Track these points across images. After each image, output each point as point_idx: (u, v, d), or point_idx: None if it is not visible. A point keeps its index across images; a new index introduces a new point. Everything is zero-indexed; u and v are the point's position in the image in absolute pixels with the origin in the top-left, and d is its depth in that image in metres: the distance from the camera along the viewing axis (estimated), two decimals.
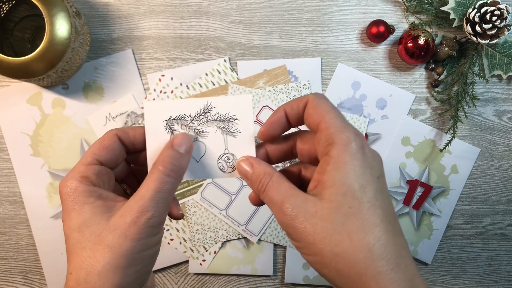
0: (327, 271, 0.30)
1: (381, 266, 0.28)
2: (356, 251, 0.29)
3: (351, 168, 0.30)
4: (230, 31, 0.65)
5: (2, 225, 0.64)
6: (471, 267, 0.66)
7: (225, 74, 0.64)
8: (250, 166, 0.34)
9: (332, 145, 0.31)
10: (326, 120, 0.32)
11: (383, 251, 0.29)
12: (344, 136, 0.31)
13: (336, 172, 0.30)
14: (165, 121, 0.37)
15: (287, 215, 0.31)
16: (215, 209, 0.63)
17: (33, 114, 0.64)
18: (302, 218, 0.30)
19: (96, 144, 0.35)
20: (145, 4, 0.64)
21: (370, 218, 0.29)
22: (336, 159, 0.30)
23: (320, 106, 0.33)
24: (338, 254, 0.29)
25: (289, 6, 0.65)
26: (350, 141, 0.30)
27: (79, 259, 0.31)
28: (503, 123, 0.65)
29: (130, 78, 0.64)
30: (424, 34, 0.60)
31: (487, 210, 0.66)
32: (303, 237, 0.30)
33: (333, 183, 0.30)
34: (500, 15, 0.57)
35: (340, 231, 0.29)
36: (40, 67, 0.55)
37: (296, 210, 0.30)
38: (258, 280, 0.65)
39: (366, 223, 0.29)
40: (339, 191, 0.30)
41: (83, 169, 0.34)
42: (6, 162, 0.64)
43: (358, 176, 0.30)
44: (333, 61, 0.65)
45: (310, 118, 0.33)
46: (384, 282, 0.28)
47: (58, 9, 0.54)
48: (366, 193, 0.30)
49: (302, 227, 0.30)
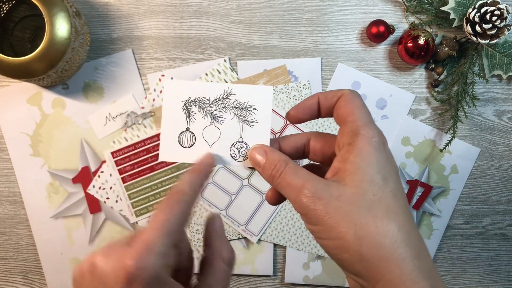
0: (347, 256, 0.29)
1: (405, 252, 0.28)
2: (382, 236, 0.28)
3: (375, 159, 0.30)
4: (230, 31, 0.65)
5: (2, 225, 0.64)
6: (471, 267, 0.66)
7: (225, 74, 0.64)
8: (263, 154, 0.34)
9: (357, 136, 0.31)
10: (356, 113, 0.32)
11: (407, 238, 0.29)
12: (369, 130, 0.31)
13: (360, 160, 0.30)
14: (184, 102, 0.36)
15: (308, 197, 0.30)
16: (215, 209, 0.63)
17: (33, 114, 0.64)
18: (325, 201, 0.30)
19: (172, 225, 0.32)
20: (145, 4, 0.64)
21: (393, 207, 0.29)
22: (360, 149, 0.30)
23: (353, 101, 0.33)
24: (362, 237, 0.29)
25: (289, 6, 0.65)
26: (375, 135, 0.31)
27: None
28: (503, 123, 0.65)
29: (130, 78, 0.64)
30: (424, 34, 0.60)
31: (487, 210, 0.66)
32: (324, 220, 0.29)
33: (357, 170, 0.30)
34: (500, 15, 0.57)
35: (365, 215, 0.29)
36: (40, 67, 0.55)
37: (319, 193, 0.30)
38: (258, 280, 0.64)
39: (390, 211, 0.29)
40: (364, 178, 0.30)
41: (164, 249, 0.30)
42: (6, 162, 0.64)
43: (382, 167, 0.30)
44: (333, 61, 0.65)
45: (340, 110, 0.33)
46: (407, 268, 0.28)
47: (58, 9, 0.54)
48: (388, 184, 0.30)
49: (323, 209, 0.29)
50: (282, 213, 0.63)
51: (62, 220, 0.64)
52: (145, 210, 0.63)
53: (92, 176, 0.63)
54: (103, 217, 0.64)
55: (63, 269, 0.63)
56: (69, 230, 0.63)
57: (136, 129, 0.64)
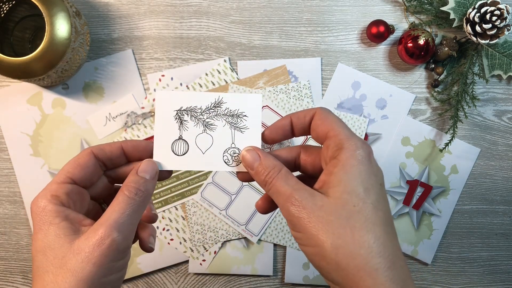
0: (325, 263, 0.31)
1: (379, 263, 0.30)
2: (357, 246, 0.30)
3: (358, 171, 0.32)
4: (230, 31, 0.65)
5: (2, 225, 0.64)
6: (471, 267, 0.66)
7: (225, 74, 0.64)
8: (256, 156, 0.35)
9: (341, 150, 0.33)
10: (335, 128, 0.34)
11: (382, 249, 0.30)
12: (352, 142, 0.33)
13: (343, 173, 0.32)
14: (176, 111, 0.38)
15: (294, 205, 0.32)
16: (215, 209, 0.63)
17: (33, 114, 0.64)
18: (309, 210, 0.31)
19: (70, 162, 0.35)
20: (145, 4, 0.64)
21: (372, 218, 0.31)
22: (344, 162, 0.32)
23: (328, 117, 0.35)
24: (339, 247, 0.30)
25: (289, 6, 0.65)
26: (358, 148, 0.32)
27: (41, 283, 0.30)
28: (503, 123, 0.65)
29: (130, 78, 0.64)
30: (424, 34, 0.60)
31: (487, 210, 0.66)
32: (306, 228, 0.31)
33: (340, 183, 0.31)
34: (500, 15, 0.57)
35: (344, 225, 0.30)
36: (40, 67, 0.55)
37: (304, 202, 0.32)
38: (258, 280, 0.65)
39: (368, 222, 0.31)
40: (345, 190, 0.31)
41: (55, 187, 0.33)
42: (6, 162, 0.64)
43: (364, 179, 0.32)
44: (333, 61, 0.65)
45: (319, 128, 0.35)
46: (380, 278, 0.29)
47: (58, 9, 0.54)
48: (370, 196, 0.31)
49: (307, 218, 0.31)
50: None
51: None
52: None
53: None
54: None
55: None
56: None
57: (136, 129, 0.64)
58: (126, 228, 0.32)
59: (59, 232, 0.31)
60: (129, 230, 0.32)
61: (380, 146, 0.64)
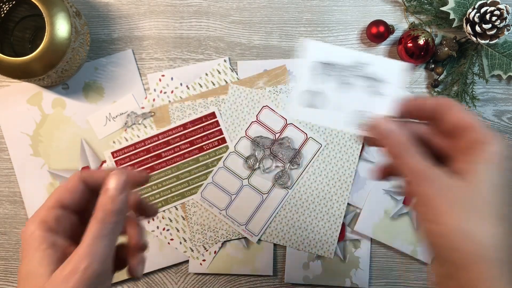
0: (443, 241, 0.31)
1: (500, 258, 0.30)
2: (483, 235, 0.30)
3: (500, 168, 0.32)
4: (230, 31, 0.65)
5: (2, 225, 0.64)
6: None
7: (225, 74, 0.64)
8: (392, 128, 0.34)
9: (485, 144, 0.32)
10: (477, 123, 0.33)
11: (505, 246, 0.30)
12: (498, 141, 0.32)
13: (485, 165, 0.31)
14: (321, 63, 0.38)
15: (428, 181, 0.32)
16: (215, 209, 0.63)
17: (33, 114, 0.64)
18: (443, 187, 0.31)
19: (60, 187, 0.35)
20: (145, 4, 0.64)
21: (506, 215, 0.31)
22: (487, 156, 0.32)
23: (466, 112, 0.34)
24: (464, 230, 0.30)
25: (289, 6, 0.65)
26: (502, 147, 0.32)
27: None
28: (503, 123, 0.66)
29: (130, 78, 0.64)
30: (424, 34, 0.60)
31: None
32: (436, 205, 0.31)
33: (480, 173, 0.31)
34: (499, 15, 0.57)
35: (477, 211, 0.30)
36: (40, 67, 0.55)
37: (439, 179, 0.32)
38: (258, 280, 0.65)
39: (499, 217, 0.31)
40: (485, 180, 0.31)
41: (44, 213, 0.33)
42: (6, 162, 0.64)
43: (504, 177, 0.32)
44: None
45: (459, 118, 0.34)
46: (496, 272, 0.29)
47: (58, 9, 0.54)
48: (506, 194, 0.31)
49: (438, 194, 0.31)
50: (282, 213, 0.63)
51: None
52: None
53: None
54: None
55: None
56: None
57: (136, 129, 0.64)
58: (101, 253, 0.31)
59: (43, 259, 0.31)
60: (104, 255, 0.31)
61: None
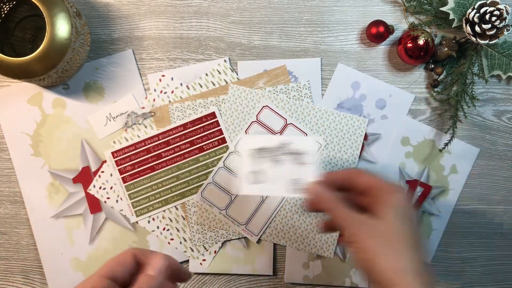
0: (369, 265, 0.41)
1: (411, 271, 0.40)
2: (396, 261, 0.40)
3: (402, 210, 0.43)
4: (230, 31, 0.65)
5: (2, 225, 0.65)
6: (471, 267, 0.66)
7: (225, 74, 0.64)
8: (325, 190, 0.45)
9: (390, 194, 0.43)
10: (380, 180, 0.44)
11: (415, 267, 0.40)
12: (399, 191, 0.43)
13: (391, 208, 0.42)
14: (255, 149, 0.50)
15: (353, 226, 0.42)
16: (215, 209, 0.63)
17: (33, 114, 0.64)
18: (364, 228, 0.42)
19: (112, 258, 0.38)
20: (146, 5, 0.65)
21: (409, 241, 0.41)
22: (392, 203, 0.43)
23: (372, 175, 0.45)
24: (382, 259, 0.40)
25: (289, 7, 0.65)
26: (403, 196, 0.43)
27: None
28: (503, 123, 0.66)
29: (130, 78, 0.64)
30: (424, 34, 0.60)
31: (486, 210, 0.66)
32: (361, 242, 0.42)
33: (388, 213, 0.42)
34: (499, 16, 0.58)
35: (389, 243, 0.41)
36: (40, 67, 0.55)
37: (361, 223, 0.42)
38: (258, 279, 0.65)
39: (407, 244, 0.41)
40: (394, 217, 0.42)
41: (95, 280, 0.35)
42: (7, 162, 0.64)
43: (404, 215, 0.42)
44: (333, 61, 0.65)
45: (368, 181, 0.45)
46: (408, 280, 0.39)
47: (59, 9, 0.54)
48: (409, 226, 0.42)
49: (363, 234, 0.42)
50: (282, 213, 0.63)
51: (62, 220, 0.64)
52: (145, 210, 0.63)
53: (93, 176, 0.64)
54: (103, 217, 0.64)
55: (64, 269, 0.63)
56: (69, 230, 0.64)
57: (137, 129, 0.64)
58: None
59: None
60: None
61: (379, 146, 0.65)
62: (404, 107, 0.65)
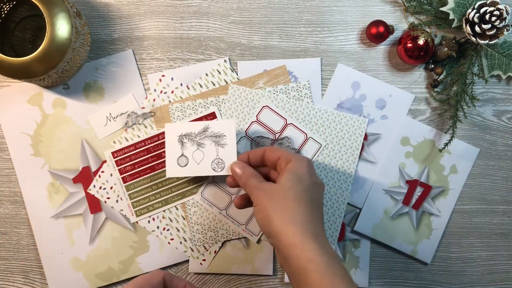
0: (266, 221, 0.48)
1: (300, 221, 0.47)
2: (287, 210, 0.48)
3: (297, 174, 0.50)
4: (230, 31, 0.65)
5: (3, 225, 0.65)
6: (471, 267, 0.66)
7: (225, 75, 0.64)
8: (241, 168, 0.54)
9: (289, 162, 0.51)
10: (284, 152, 0.53)
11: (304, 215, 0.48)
12: (297, 157, 0.52)
13: (288, 173, 0.50)
14: (178, 136, 0.57)
15: (258, 189, 0.50)
16: (215, 209, 0.63)
17: (33, 114, 0.64)
18: (265, 191, 0.50)
19: (144, 278, 0.46)
20: (146, 5, 0.65)
21: (299, 197, 0.49)
22: (289, 168, 0.51)
23: (277, 149, 0.54)
24: (276, 211, 0.48)
25: (289, 7, 0.65)
26: (301, 160, 0.51)
27: None
28: (502, 123, 0.66)
29: (130, 78, 0.64)
30: (424, 34, 0.61)
31: (486, 210, 0.66)
32: (261, 202, 0.49)
33: (285, 178, 0.50)
34: (499, 16, 0.58)
35: (281, 199, 0.48)
36: (40, 67, 0.55)
37: (265, 188, 0.50)
38: (258, 279, 0.65)
39: (296, 198, 0.49)
40: (288, 180, 0.50)
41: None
42: (7, 162, 0.64)
43: (300, 178, 0.50)
44: (332, 62, 0.65)
45: (272, 154, 0.54)
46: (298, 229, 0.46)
47: (59, 9, 0.54)
48: (301, 185, 0.50)
49: (263, 195, 0.49)
50: None
51: (62, 220, 0.64)
52: (145, 210, 0.64)
53: (93, 176, 0.64)
54: (103, 217, 0.64)
55: (64, 269, 0.63)
56: (69, 229, 0.64)
57: (137, 129, 0.64)
58: None
59: None
60: None
61: (379, 146, 0.65)
62: (404, 107, 0.65)
